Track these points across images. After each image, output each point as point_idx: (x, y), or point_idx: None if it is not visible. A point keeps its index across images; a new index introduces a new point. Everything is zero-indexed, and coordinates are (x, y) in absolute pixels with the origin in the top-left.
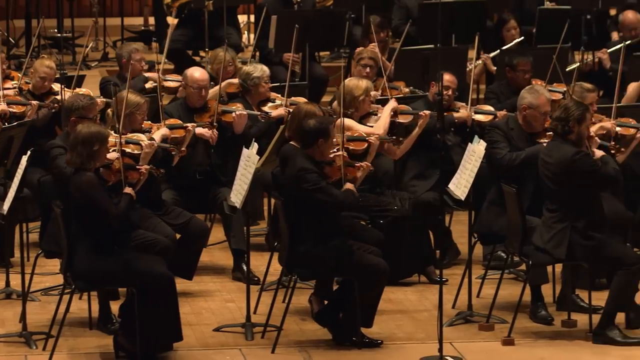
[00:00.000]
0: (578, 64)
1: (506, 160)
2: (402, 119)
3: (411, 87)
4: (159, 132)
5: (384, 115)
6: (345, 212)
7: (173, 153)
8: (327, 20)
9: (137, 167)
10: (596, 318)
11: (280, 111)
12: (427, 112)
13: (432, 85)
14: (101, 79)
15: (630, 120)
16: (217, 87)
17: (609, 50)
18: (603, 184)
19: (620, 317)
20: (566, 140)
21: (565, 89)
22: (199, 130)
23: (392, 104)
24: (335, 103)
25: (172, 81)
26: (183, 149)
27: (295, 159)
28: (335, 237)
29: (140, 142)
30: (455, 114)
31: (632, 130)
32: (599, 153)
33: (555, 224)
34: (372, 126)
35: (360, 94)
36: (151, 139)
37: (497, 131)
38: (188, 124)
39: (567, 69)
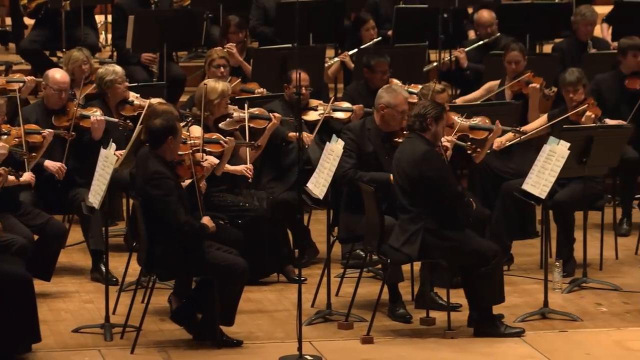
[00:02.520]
0: (435, 63)
1: (347, 177)
2: (256, 125)
3: (265, 90)
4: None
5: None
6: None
7: (24, 157)
8: (184, 20)
9: None
10: (455, 315)
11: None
12: (278, 115)
13: (285, 87)
14: None
15: (485, 119)
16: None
17: (465, 49)
18: (446, 196)
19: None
20: (421, 137)
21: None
22: (46, 163)
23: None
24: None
25: (15, 82)
26: (34, 154)
27: (148, 162)
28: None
29: None
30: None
31: (485, 133)
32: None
33: (409, 225)
34: (228, 129)
35: (216, 97)
36: None
37: (349, 135)
38: (45, 131)
39: (425, 69)
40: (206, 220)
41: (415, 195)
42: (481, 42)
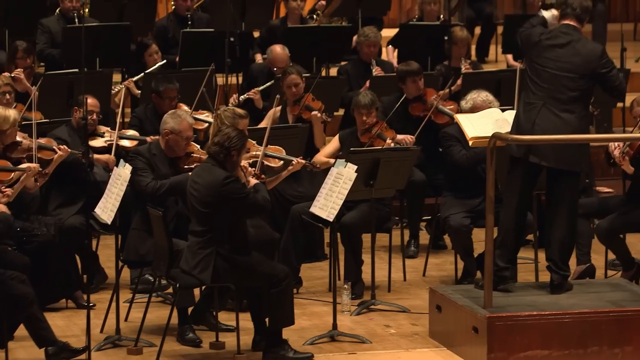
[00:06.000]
0: (231, 105)
1: (150, 188)
2: (44, 156)
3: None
4: None
5: None
6: None
7: None
8: None
9: None
10: (244, 339)
11: None
12: (65, 147)
13: (75, 110)
14: None
15: (279, 149)
16: None
17: (260, 89)
18: (251, 211)
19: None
20: (221, 164)
21: (207, 115)
22: None
23: None
24: None
25: None
26: None
27: None
28: None
29: None
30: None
31: (279, 162)
32: (253, 181)
33: (200, 249)
34: (19, 157)
35: (8, 127)
36: None
37: (140, 159)
38: None
39: (220, 111)
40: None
41: (211, 220)
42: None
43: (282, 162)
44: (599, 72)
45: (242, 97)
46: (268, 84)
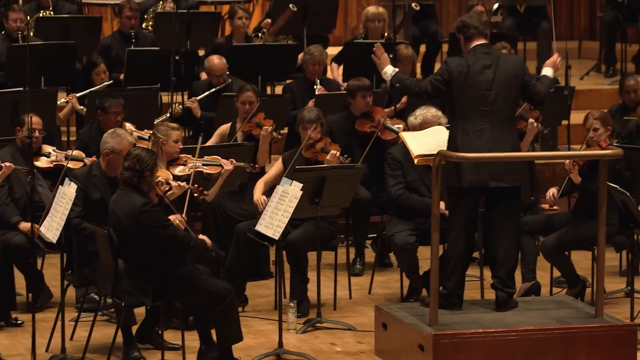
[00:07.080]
0: (168, 114)
1: (73, 224)
2: None
3: None
4: None
5: None
6: None
7: None
8: None
9: None
10: (190, 357)
11: None
12: (9, 164)
13: (18, 130)
14: None
15: (215, 157)
16: None
17: (198, 98)
18: (169, 242)
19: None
20: (137, 189)
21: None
22: None
23: None
24: None
25: None
26: None
27: None
28: None
29: None
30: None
31: (218, 168)
32: (201, 236)
33: (137, 274)
34: None
35: None
36: None
37: (75, 183)
38: None
39: (156, 121)
40: None
41: (136, 245)
42: (213, 90)
43: (219, 168)
44: (526, 79)
45: (181, 106)
46: (207, 92)
